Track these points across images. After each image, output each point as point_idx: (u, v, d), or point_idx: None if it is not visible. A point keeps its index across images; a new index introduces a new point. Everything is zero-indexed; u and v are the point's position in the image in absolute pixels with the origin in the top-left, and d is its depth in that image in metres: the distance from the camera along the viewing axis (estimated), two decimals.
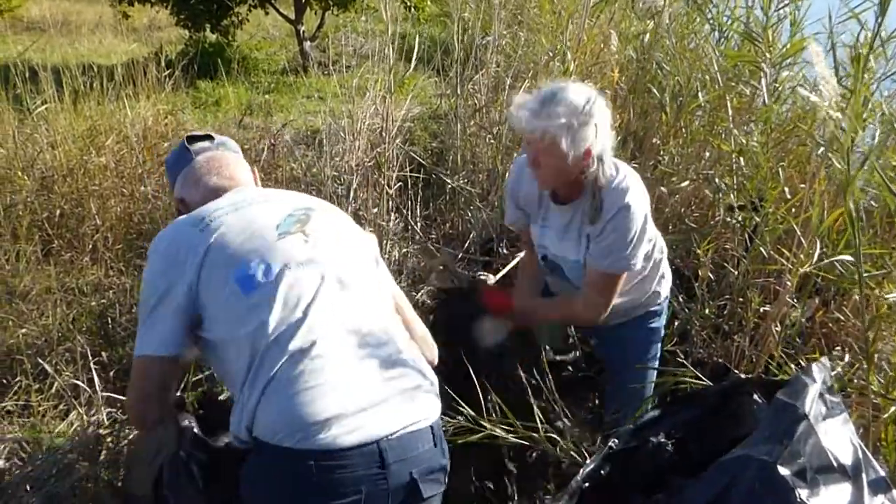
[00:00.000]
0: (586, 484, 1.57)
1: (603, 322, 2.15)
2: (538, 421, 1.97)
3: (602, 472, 1.60)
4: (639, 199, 2.02)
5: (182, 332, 1.50)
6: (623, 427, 1.73)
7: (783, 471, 1.30)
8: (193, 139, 1.80)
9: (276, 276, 1.48)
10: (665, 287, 2.32)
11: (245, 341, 1.43)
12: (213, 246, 1.50)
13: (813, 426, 1.36)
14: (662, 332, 2.39)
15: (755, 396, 1.60)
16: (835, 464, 1.35)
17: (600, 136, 1.94)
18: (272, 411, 1.37)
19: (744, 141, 2.96)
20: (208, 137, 1.82)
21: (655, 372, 2.35)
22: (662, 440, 1.62)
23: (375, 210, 3.44)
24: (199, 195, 1.71)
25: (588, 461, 1.63)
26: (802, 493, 1.28)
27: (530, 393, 2.06)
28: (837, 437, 1.39)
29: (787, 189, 2.69)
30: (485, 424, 1.88)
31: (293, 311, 1.45)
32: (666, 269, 2.32)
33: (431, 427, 1.49)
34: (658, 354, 2.39)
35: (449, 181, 3.79)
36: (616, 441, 1.66)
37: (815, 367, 1.46)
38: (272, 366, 1.40)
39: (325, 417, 1.35)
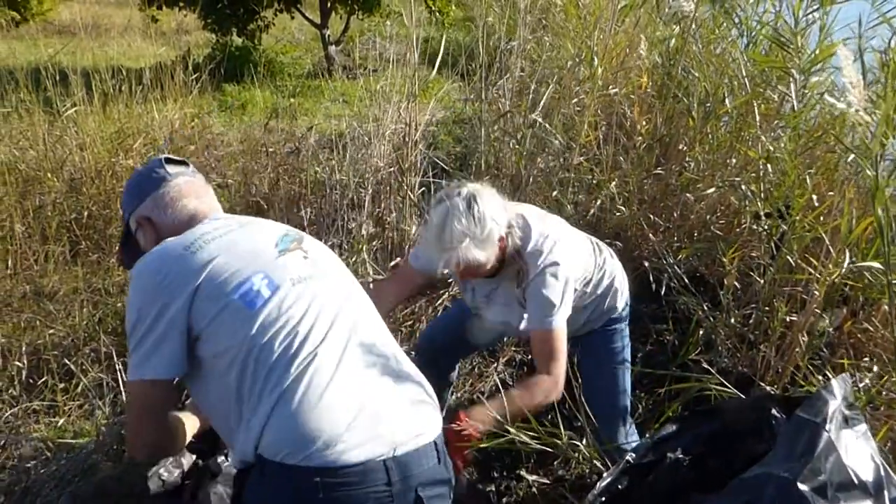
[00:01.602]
0: (603, 498, 1.56)
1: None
2: (561, 427, 1.95)
3: (619, 486, 1.59)
4: (560, 253, 2.04)
5: (183, 353, 1.45)
6: (642, 441, 1.72)
7: (803, 488, 1.28)
8: (169, 161, 1.74)
9: (280, 292, 1.48)
10: (621, 299, 2.33)
11: (249, 358, 1.41)
12: (209, 265, 1.47)
13: (833, 443, 1.34)
14: (627, 332, 2.38)
15: (774, 412, 1.57)
16: (856, 480, 1.32)
17: (499, 221, 1.97)
18: (279, 428, 1.36)
19: (771, 147, 2.93)
20: (184, 163, 1.77)
21: (628, 372, 2.35)
22: (680, 456, 1.61)
23: (394, 215, 3.44)
24: (172, 218, 1.65)
25: (605, 474, 1.62)
26: None
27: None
28: (858, 453, 1.36)
29: (814, 196, 2.65)
30: (509, 429, 1.87)
31: (298, 326, 1.45)
32: (620, 282, 2.32)
33: (435, 442, 1.49)
34: (628, 352, 2.38)
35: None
36: (633, 455, 1.65)
37: (835, 382, 1.44)
38: (280, 382, 1.38)
39: (330, 435, 1.34)
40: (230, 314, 1.44)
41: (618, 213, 3.56)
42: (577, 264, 2.12)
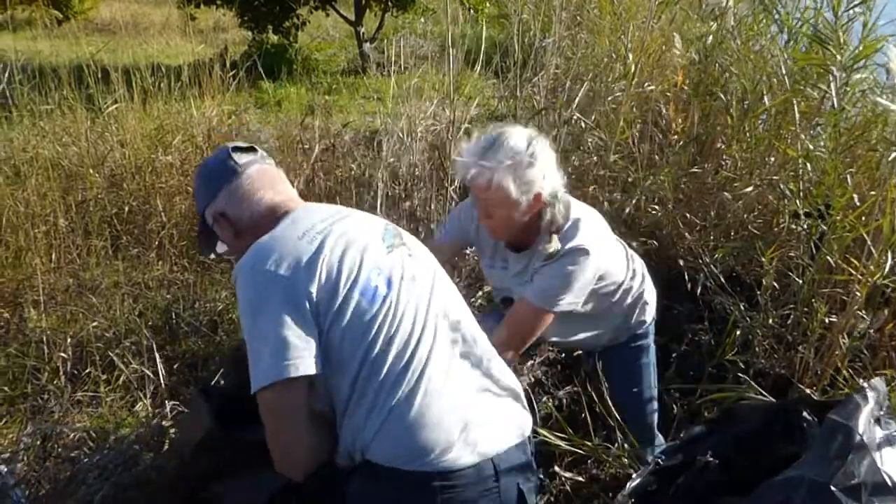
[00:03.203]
0: (632, 500, 1.56)
1: (590, 347, 2.18)
2: (591, 429, 1.96)
3: (648, 487, 1.59)
4: (595, 245, 1.98)
5: (318, 346, 1.37)
6: (671, 443, 1.72)
7: (836, 491, 1.27)
8: (236, 150, 1.66)
9: (393, 291, 1.45)
10: (649, 313, 2.31)
11: (366, 359, 1.39)
12: (326, 257, 1.42)
13: (867, 446, 1.33)
14: (653, 347, 2.37)
15: (805, 414, 1.56)
16: (890, 484, 1.31)
17: (548, 177, 1.92)
18: (393, 438, 1.36)
19: (811, 146, 2.88)
20: (252, 150, 1.69)
21: (654, 384, 2.35)
22: (709, 458, 1.60)
23: (428, 209, 3.46)
24: (250, 212, 1.59)
25: (634, 475, 1.62)
26: None
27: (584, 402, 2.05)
28: (894, 458, 1.35)
29: (855, 196, 2.60)
30: (540, 431, 1.88)
31: (413, 329, 1.43)
32: (649, 294, 2.30)
33: (527, 440, 1.53)
34: (654, 366, 2.36)
35: None
36: (662, 457, 1.65)
37: (868, 386, 1.43)
38: (395, 391, 1.37)
39: (446, 442, 1.36)
40: (348, 309, 1.39)
41: (653, 212, 3.53)
42: (606, 260, 2.07)
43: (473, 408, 1.44)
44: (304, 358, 1.34)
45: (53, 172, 3.62)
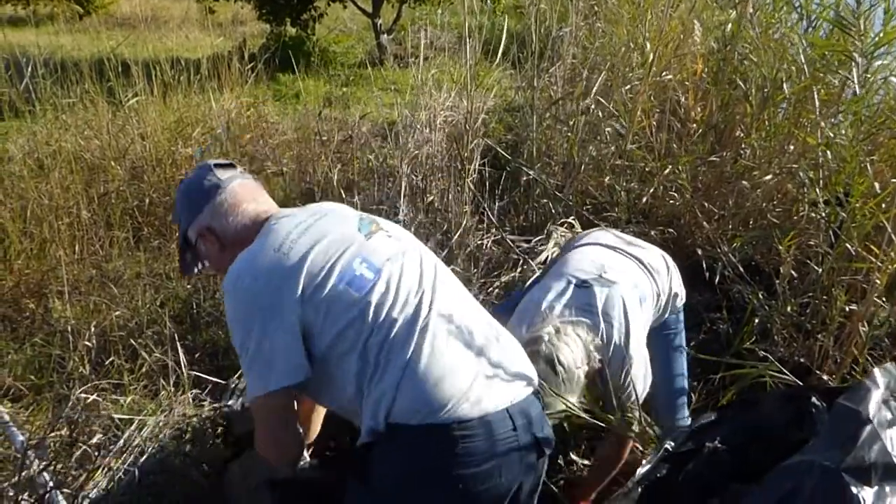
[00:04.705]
0: (642, 486, 1.57)
1: None
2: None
3: (658, 473, 1.60)
4: (633, 321, 2.00)
5: (303, 354, 1.45)
6: (681, 430, 1.72)
7: (847, 476, 1.28)
8: (217, 167, 1.70)
9: (383, 272, 1.52)
10: (680, 300, 2.32)
11: (371, 339, 1.45)
12: (306, 262, 1.47)
13: (877, 431, 1.34)
14: (683, 325, 2.37)
15: (814, 401, 1.56)
16: None
17: (579, 363, 1.86)
18: (412, 393, 1.41)
19: (831, 133, 2.86)
20: (231, 166, 1.73)
21: (685, 362, 2.35)
22: (719, 445, 1.61)
23: (446, 200, 3.47)
24: (234, 224, 1.63)
25: (644, 461, 1.62)
26: (868, 499, 1.25)
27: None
28: None
29: (877, 184, 2.58)
30: (564, 402, 1.87)
31: (408, 300, 1.50)
32: (677, 285, 2.30)
33: (536, 391, 1.59)
34: (684, 344, 2.37)
35: (531, 172, 3.78)
36: (672, 443, 1.65)
37: (878, 371, 1.44)
38: (403, 352, 1.44)
39: (460, 391, 1.42)
40: (340, 303, 1.46)
41: (671, 201, 3.52)
42: (646, 314, 2.10)
43: (481, 361, 1.50)
44: (287, 370, 1.45)
45: (76, 165, 3.67)
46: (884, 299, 2.38)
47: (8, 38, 4.48)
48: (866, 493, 1.26)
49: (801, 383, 2.11)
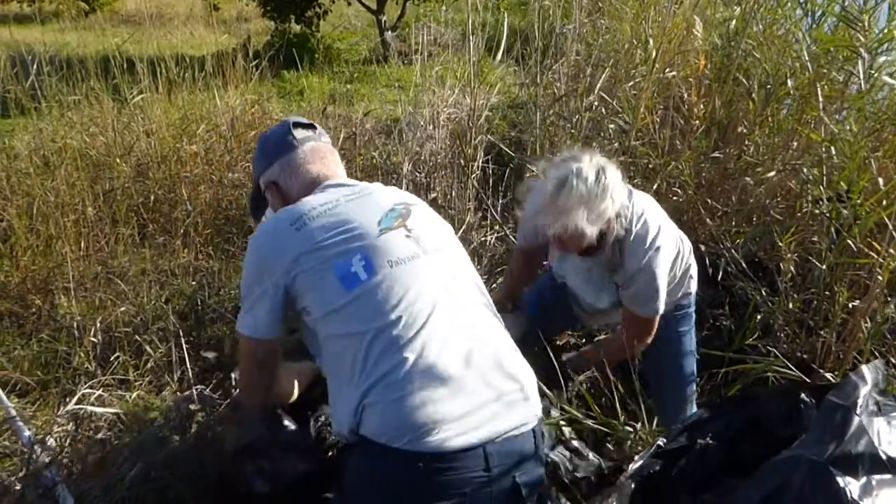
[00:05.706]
0: (634, 482, 1.57)
1: None
2: (618, 408, 1.96)
3: (650, 470, 1.60)
4: (663, 239, 2.04)
5: (275, 321, 1.56)
6: (673, 426, 1.72)
7: (835, 470, 1.28)
8: (297, 126, 1.80)
9: (378, 273, 1.48)
10: (693, 285, 2.33)
11: (349, 339, 1.43)
12: (309, 244, 1.52)
13: (864, 426, 1.34)
14: (694, 316, 2.39)
15: (804, 397, 1.57)
16: (888, 463, 1.32)
17: (616, 200, 1.93)
18: (380, 413, 1.37)
19: (835, 130, 2.85)
20: (311, 126, 1.83)
21: (694, 355, 2.37)
22: (710, 442, 1.61)
23: (449, 197, 3.47)
24: (297, 183, 1.74)
25: (636, 457, 1.63)
26: (855, 492, 1.26)
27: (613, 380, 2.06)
28: (891, 436, 1.35)
29: (880, 179, 2.58)
30: (566, 408, 1.89)
31: (396, 309, 1.44)
32: (693, 267, 2.31)
33: (533, 430, 1.49)
34: (693, 336, 2.39)
35: (535, 168, 3.77)
36: (664, 440, 1.65)
37: (865, 368, 1.44)
38: (380, 366, 1.39)
39: (434, 420, 1.35)
40: (329, 294, 1.49)
41: (674, 198, 3.52)
42: (674, 250, 2.12)
43: (470, 391, 1.41)
44: (266, 325, 1.56)
45: (81, 162, 3.68)
46: (886, 295, 2.38)
47: (14, 36, 4.50)
48: (853, 486, 1.27)
49: (806, 379, 2.12)
